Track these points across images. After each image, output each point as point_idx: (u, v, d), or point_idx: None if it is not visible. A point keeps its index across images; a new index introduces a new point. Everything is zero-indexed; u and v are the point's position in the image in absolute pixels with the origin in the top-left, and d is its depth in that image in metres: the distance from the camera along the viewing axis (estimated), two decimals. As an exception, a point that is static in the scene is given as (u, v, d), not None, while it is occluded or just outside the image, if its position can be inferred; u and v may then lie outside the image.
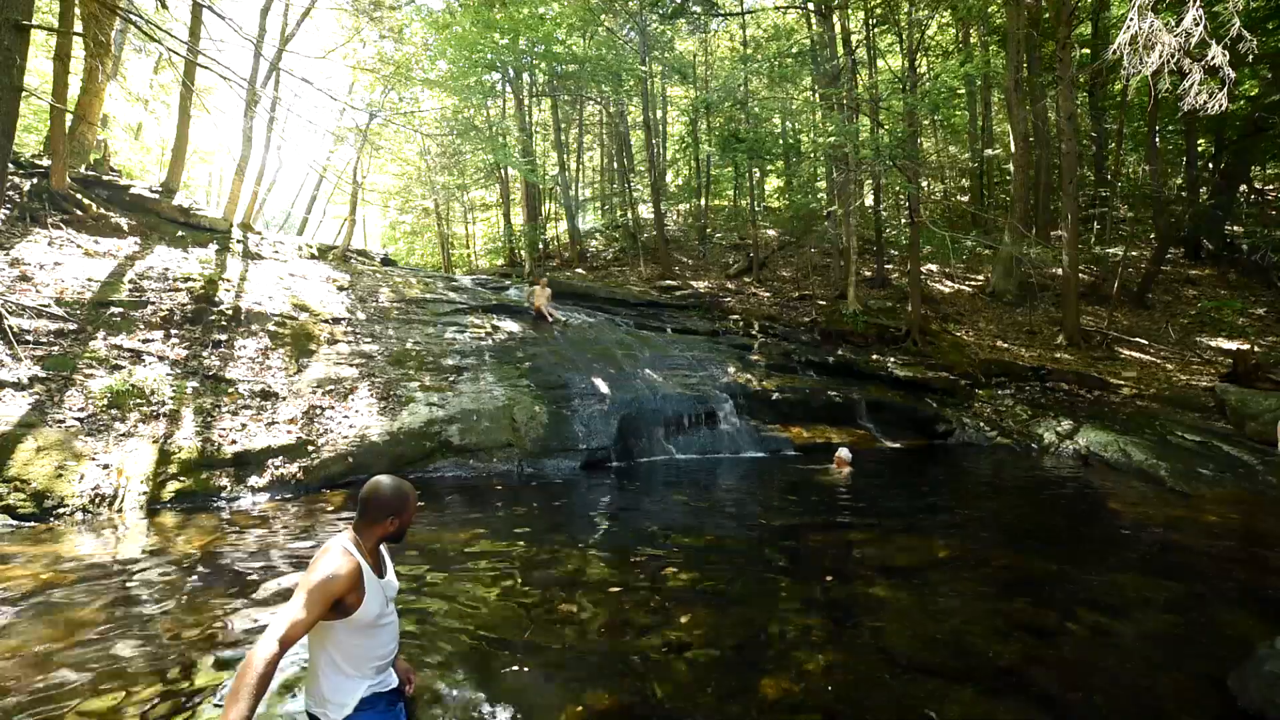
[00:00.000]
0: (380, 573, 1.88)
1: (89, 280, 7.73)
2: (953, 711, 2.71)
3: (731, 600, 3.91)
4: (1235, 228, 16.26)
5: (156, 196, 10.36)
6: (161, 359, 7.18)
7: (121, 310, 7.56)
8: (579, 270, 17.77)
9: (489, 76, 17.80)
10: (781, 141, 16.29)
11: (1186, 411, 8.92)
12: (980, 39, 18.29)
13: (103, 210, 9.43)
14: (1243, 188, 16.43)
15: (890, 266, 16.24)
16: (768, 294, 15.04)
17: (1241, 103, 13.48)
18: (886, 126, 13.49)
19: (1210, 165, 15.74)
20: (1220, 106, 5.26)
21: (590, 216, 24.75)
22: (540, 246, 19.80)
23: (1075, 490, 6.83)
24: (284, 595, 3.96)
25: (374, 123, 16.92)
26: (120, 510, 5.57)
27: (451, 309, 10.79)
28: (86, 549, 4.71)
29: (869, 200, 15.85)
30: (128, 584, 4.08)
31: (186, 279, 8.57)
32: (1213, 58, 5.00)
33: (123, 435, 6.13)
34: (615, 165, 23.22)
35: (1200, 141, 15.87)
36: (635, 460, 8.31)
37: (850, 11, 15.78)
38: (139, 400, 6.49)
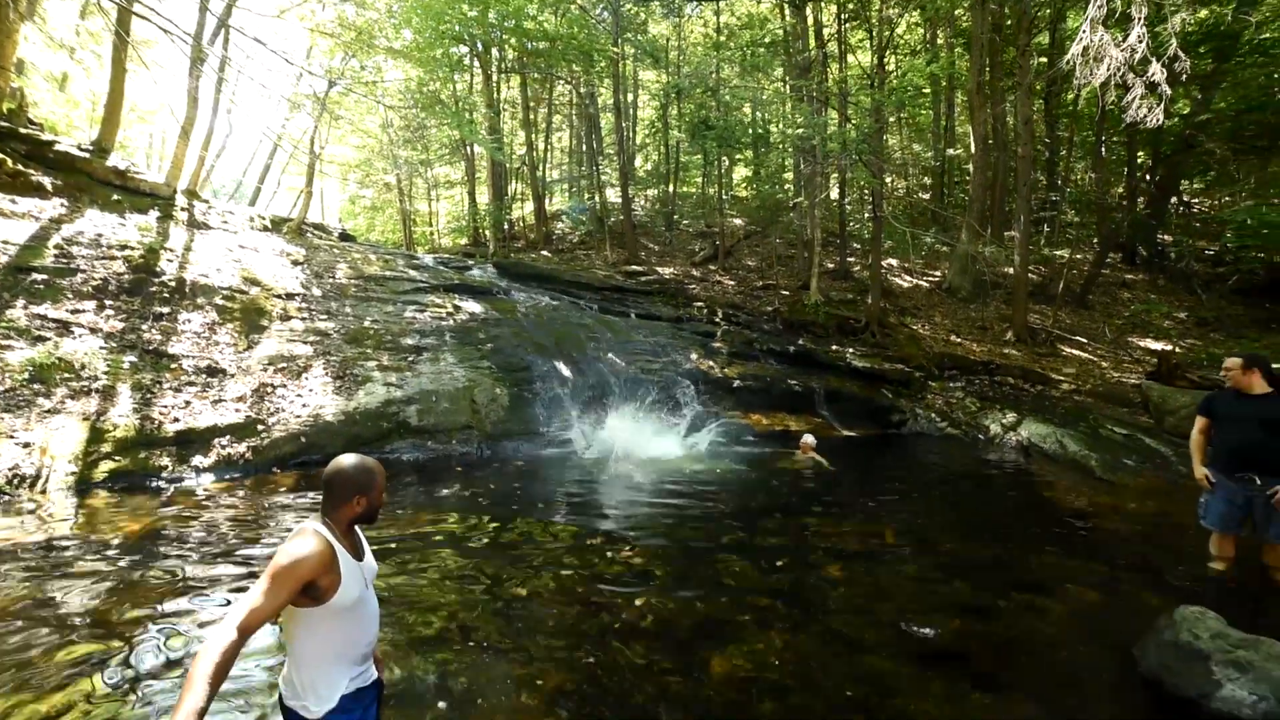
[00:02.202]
0: (358, 555, 1.80)
1: (4, 244, 7.09)
2: (891, 684, 2.85)
3: (685, 582, 3.99)
4: (1166, 237, 17.27)
5: (88, 155, 9.40)
6: (94, 331, 6.76)
7: (46, 278, 7.00)
8: (544, 252, 17.55)
9: (456, 49, 17.21)
10: (751, 131, 16.35)
11: (1117, 406, 9.48)
12: (947, 40, 18.70)
13: (19, 166, 8.65)
14: (1174, 199, 17.44)
15: (853, 259, 16.59)
16: (732, 282, 15.19)
17: (1176, 120, 14.25)
18: (854, 121, 13.70)
19: (1147, 177, 16.61)
20: (1157, 121, 5.57)
21: (558, 199, 24.40)
22: (506, 227, 19.44)
23: (1016, 479, 7.19)
24: (232, 578, 3.84)
25: (333, 91, 16.17)
26: (44, 491, 5.23)
27: (412, 287, 10.52)
28: (1, 533, 4.43)
29: (834, 193, 16.13)
30: (49, 569, 3.87)
31: (123, 246, 8.04)
32: (1152, 74, 5.28)
33: (47, 412, 5.76)
34: (584, 147, 22.90)
35: (1140, 154, 16.71)
36: (596, 443, 8.32)
37: (823, 5, 15.89)
38: (67, 375, 6.10)
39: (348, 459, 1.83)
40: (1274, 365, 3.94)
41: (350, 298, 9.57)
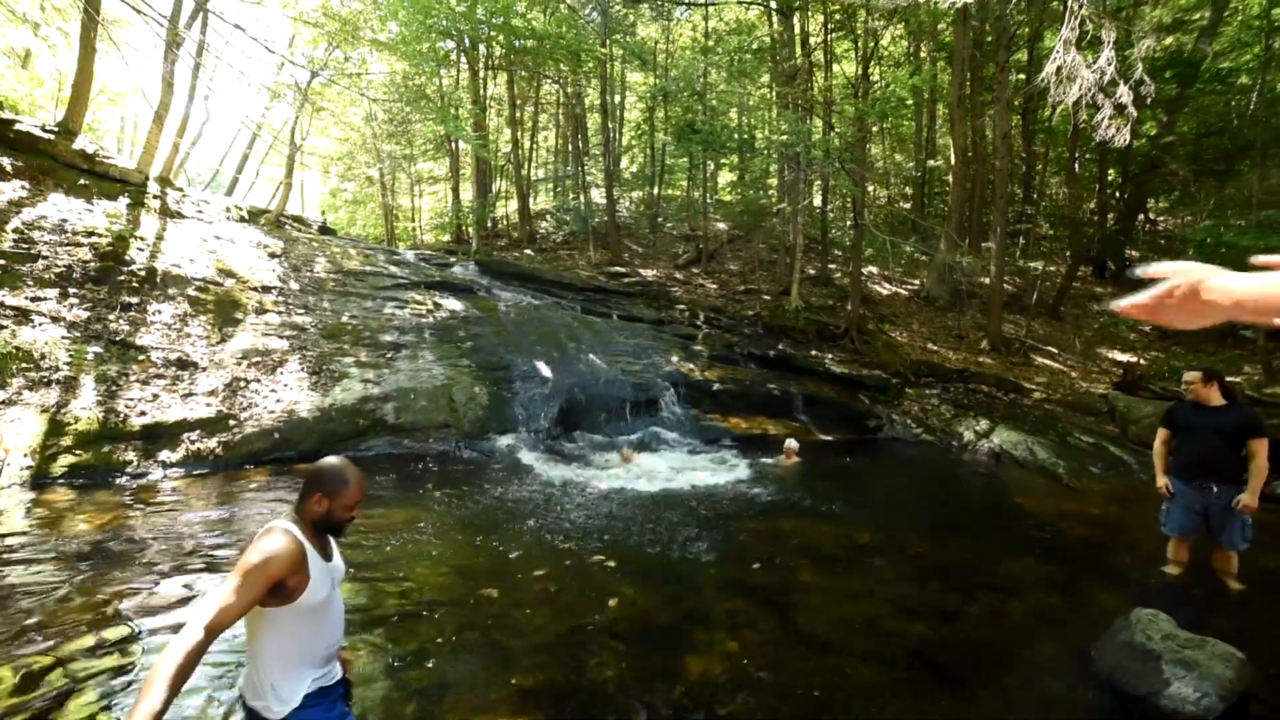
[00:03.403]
0: (326, 555, 1.76)
1: (-44, 226, 6.79)
2: (859, 685, 2.90)
3: (660, 583, 4.01)
4: (1133, 252, 17.87)
5: (51, 137, 8.94)
6: (56, 320, 6.54)
7: (3, 263, 6.73)
8: (528, 251, 17.48)
9: (443, 44, 17.08)
10: (736, 136, 16.49)
11: (1084, 415, 9.75)
12: (929, 54, 19.06)
13: (-28, 144, 8.23)
14: (1141, 217, 18.05)
15: (833, 266, 16.82)
16: (714, 286, 15.29)
17: (1143, 140, 14.77)
18: (838, 130, 13.90)
19: (1117, 194, 17.15)
20: (1125, 140, 5.79)
21: (543, 198, 24.32)
22: (489, 225, 19.32)
23: (987, 484, 7.35)
24: (199, 573, 3.76)
25: (316, 82, 15.94)
26: (-3, 485, 5.07)
27: (392, 283, 10.40)
28: (-44, 526, 4.28)
29: (817, 200, 16.34)
30: (1, 565, 3.76)
31: (90, 233, 7.77)
32: (1120, 96, 5.48)
33: (2, 403, 5.57)
34: (570, 147, 22.86)
35: (1110, 171, 17.25)
36: (576, 444, 8.31)
37: (810, 14, 16.09)
38: (25, 365, 5.90)
39: (329, 459, 1.79)
40: (1228, 379, 4.10)
41: (329, 292, 9.43)
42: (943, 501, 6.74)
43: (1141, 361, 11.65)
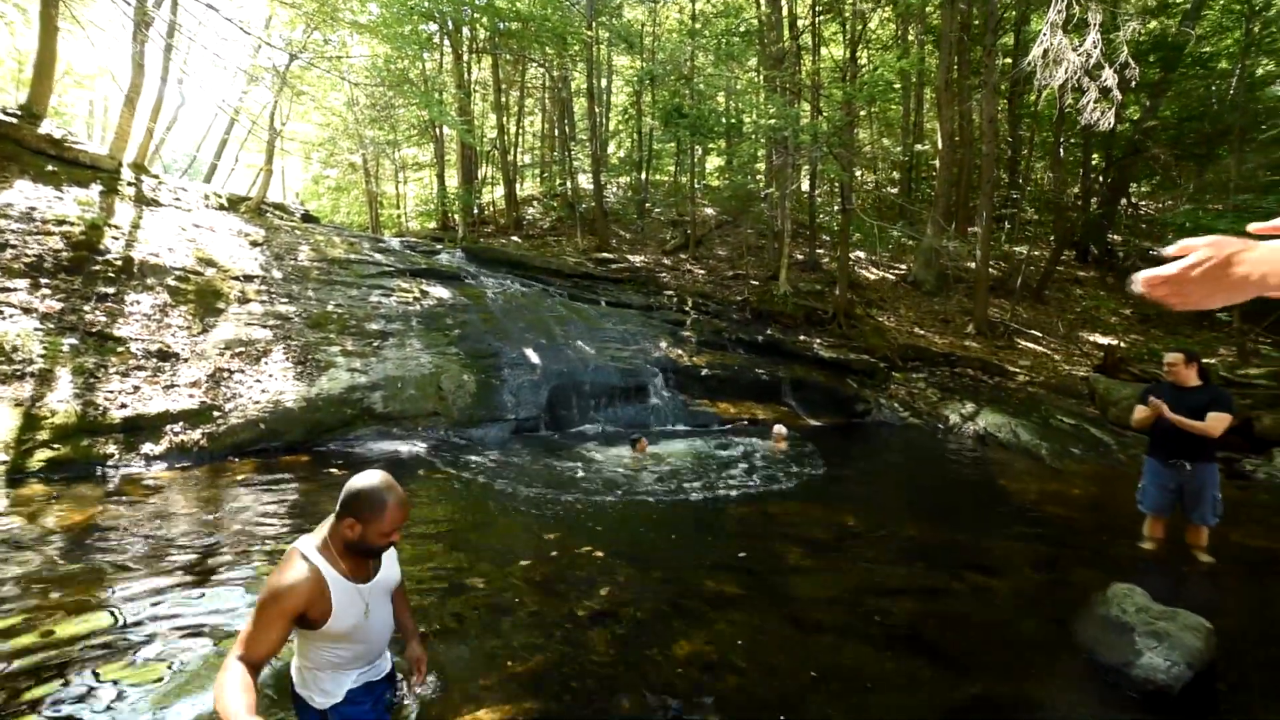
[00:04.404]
0: (364, 576, 1.65)
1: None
2: (847, 664, 2.96)
3: (650, 567, 4.04)
4: (1115, 236, 18.09)
5: (15, 121, 8.52)
6: (28, 311, 6.37)
7: (-32, 253, 6.50)
8: (514, 238, 17.32)
9: (426, 26, 16.72)
10: (724, 120, 16.38)
11: (1066, 398, 9.92)
12: (917, 37, 18.99)
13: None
14: (1123, 201, 18.24)
15: (821, 251, 16.85)
16: (703, 271, 15.27)
17: (1127, 125, 14.88)
18: (825, 114, 13.85)
19: (1100, 179, 17.31)
20: (1109, 124, 5.83)
21: (530, 183, 24.06)
22: (475, 211, 19.09)
23: (972, 467, 7.48)
24: (184, 568, 3.73)
25: (295, 65, 15.53)
26: (-30, 483, 4.94)
27: (378, 271, 10.27)
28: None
29: (805, 185, 16.31)
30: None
31: (61, 222, 7.52)
32: (1105, 79, 5.50)
33: (-26, 397, 5.44)
34: (556, 132, 22.58)
35: (1094, 156, 17.38)
36: (565, 431, 8.32)
37: (798, -5, 15.93)
38: (-5, 357, 5.76)
39: (367, 478, 1.63)
40: (1204, 360, 4.19)
41: (313, 281, 9.29)
42: (929, 484, 6.85)
43: (1121, 345, 11.86)
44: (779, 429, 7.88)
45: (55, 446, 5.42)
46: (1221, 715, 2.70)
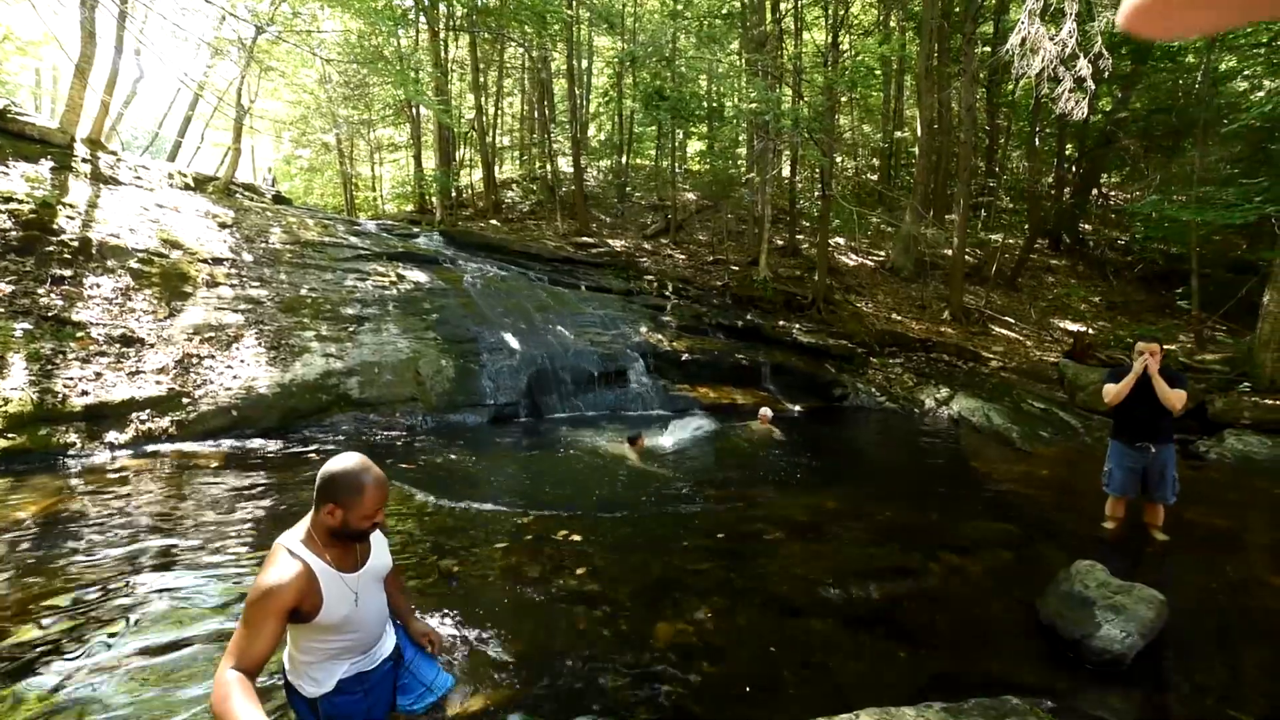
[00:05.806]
0: (352, 565, 1.63)
1: None
2: (824, 644, 3.02)
3: (628, 552, 4.07)
4: (1086, 226, 18.49)
5: None
6: (-26, 294, 6.12)
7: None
8: (494, 221, 17.06)
9: (400, 1, 16.22)
10: (705, 104, 16.25)
11: (1037, 382, 10.18)
12: (899, 23, 19.00)
13: None
14: (1094, 191, 18.63)
15: (801, 237, 16.93)
16: (683, 256, 15.24)
17: (1099, 116, 15.13)
18: (807, 99, 13.83)
19: (1074, 168, 17.63)
20: (1083, 114, 5.91)
21: (509, 166, 23.67)
22: (453, 194, 18.73)
23: (946, 450, 7.65)
24: (153, 555, 3.65)
25: (262, 38, 14.96)
26: (-80, 473, 4.76)
27: (353, 255, 10.04)
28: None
29: (786, 171, 16.33)
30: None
31: (8, 199, 7.10)
32: (1080, 69, 5.57)
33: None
34: (536, 114, 22.19)
35: (1068, 146, 17.68)
36: (544, 417, 8.30)
37: (780, -22, 15.79)
38: (-57, 343, 5.52)
39: (342, 460, 1.59)
40: (1168, 346, 4.33)
41: (285, 264, 9.05)
42: (905, 467, 6.99)
43: (1090, 331, 12.18)
44: (765, 411, 7.96)
45: (10, 436, 5.22)
46: (1166, 677, 2.84)
